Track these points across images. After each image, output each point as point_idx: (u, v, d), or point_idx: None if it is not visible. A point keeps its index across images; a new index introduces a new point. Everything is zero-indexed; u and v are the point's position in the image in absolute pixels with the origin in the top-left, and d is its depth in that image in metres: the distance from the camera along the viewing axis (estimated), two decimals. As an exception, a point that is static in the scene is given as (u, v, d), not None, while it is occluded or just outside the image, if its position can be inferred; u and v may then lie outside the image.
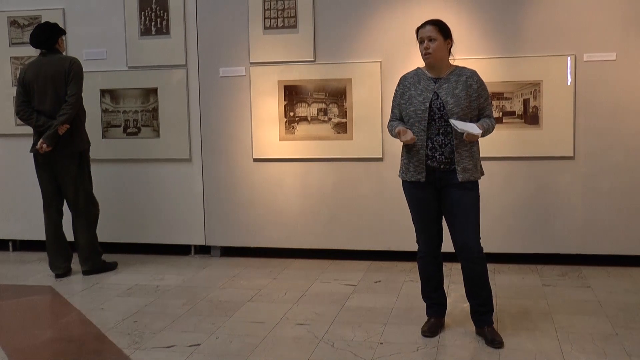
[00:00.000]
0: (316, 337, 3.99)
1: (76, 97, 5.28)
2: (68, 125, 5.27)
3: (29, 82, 5.37)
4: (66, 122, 5.25)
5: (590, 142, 5.36)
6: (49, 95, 5.32)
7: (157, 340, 4.00)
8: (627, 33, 5.24)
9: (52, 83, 5.30)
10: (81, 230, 5.47)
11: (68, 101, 5.26)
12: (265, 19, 5.80)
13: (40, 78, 5.32)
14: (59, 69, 5.30)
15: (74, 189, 5.41)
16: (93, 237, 5.53)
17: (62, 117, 5.23)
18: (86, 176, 5.49)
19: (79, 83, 5.33)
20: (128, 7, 6.01)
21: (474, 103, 3.80)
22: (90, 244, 5.50)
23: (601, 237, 5.41)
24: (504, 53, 5.42)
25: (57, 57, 5.38)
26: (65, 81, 5.29)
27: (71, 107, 5.25)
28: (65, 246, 5.57)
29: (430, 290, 4.07)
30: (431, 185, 3.85)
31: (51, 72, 5.31)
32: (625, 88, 5.27)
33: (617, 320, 4.17)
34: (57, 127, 5.22)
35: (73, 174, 5.40)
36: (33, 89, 5.36)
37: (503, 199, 5.51)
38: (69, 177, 5.39)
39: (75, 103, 5.28)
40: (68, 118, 5.25)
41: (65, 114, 5.23)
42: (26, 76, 5.39)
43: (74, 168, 5.40)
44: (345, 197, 5.79)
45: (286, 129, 5.81)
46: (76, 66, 5.35)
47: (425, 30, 3.83)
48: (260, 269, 5.63)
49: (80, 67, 5.38)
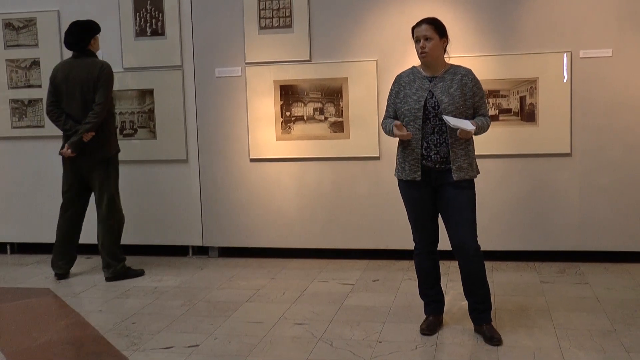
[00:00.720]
0: (315, 337, 3.99)
1: (102, 106, 5.20)
2: (93, 132, 5.22)
3: (59, 84, 5.30)
4: (91, 130, 5.19)
5: (587, 139, 5.36)
6: (76, 99, 5.26)
7: (156, 342, 3.99)
8: (623, 29, 5.24)
9: (81, 88, 5.24)
10: (102, 236, 5.38)
11: (94, 110, 5.19)
12: (261, 19, 5.79)
13: (70, 81, 5.26)
14: (88, 75, 5.22)
15: (99, 194, 5.35)
16: (113, 244, 5.41)
17: (86, 125, 5.17)
18: (112, 182, 5.39)
19: (108, 91, 5.25)
20: (123, 8, 6.00)
21: (468, 102, 3.80)
22: (110, 251, 5.39)
23: (599, 233, 5.41)
24: (500, 50, 5.42)
25: (88, 61, 5.29)
26: (94, 87, 5.22)
27: (96, 116, 5.18)
28: (72, 249, 5.51)
29: (427, 287, 4.07)
30: (427, 184, 3.85)
31: (80, 76, 5.23)
32: (622, 84, 5.28)
33: (616, 316, 4.17)
34: (82, 134, 5.18)
35: (99, 179, 5.34)
36: (62, 91, 5.30)
37: (500, 196, 5.52)
38: (95, 182, 5.35)
39: (102, 112, 5.20)
40: (93, 127, 5.19)
41: (90, 123, 5.17)
42: (57, 77, 5.32)
43: (101, 173, 5.33)
44: (343, 197, 5.79)
45: (282, 129, 5.81)
46: (106, 73, 5.25)
47: (421, 29, 3.83)
48: (258, 269, 5.62)
49: (110, 73, 5.29)
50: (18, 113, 6.29)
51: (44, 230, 6.33)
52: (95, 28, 5.40)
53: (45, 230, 6.33)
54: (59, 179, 6.20)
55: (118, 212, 5.46)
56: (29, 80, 6.25)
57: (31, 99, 6.25)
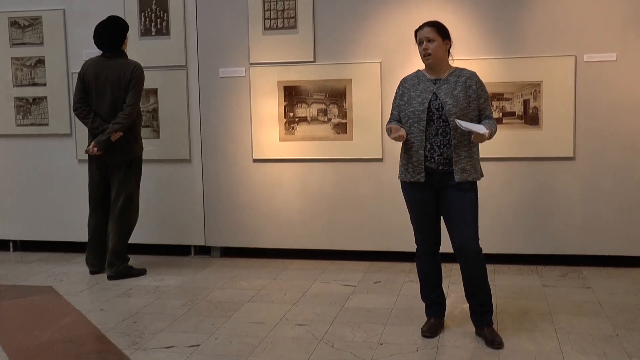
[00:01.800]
0: (316, 338, 3.99)
1: (133, 107, 5.22)
2: (121, 133, 5.24)
3: (89, 81, 5.31)
4: (120, 130, 5.21)
5: (590, 143, 5.36)
6: (106, 99, 5.27)
7: (157, 341, 3.99)
8: (627, 34, 5.24)
9: (112, 87, 5.25)
10: (112, 234, 5.38)
11: (125, 110, 5.21)
12: (265, 20, 5.80)
13: (101, 80, 5.27)
14: (120, 75, 5.23)
15: (117, 191, 5.37)
16: (121, 243, 5.41)
17: (116, 125, 5.19)
18: (132, 181, 5.41)
19: (139, 92, 5.28)
20: (128, 7, 6.01)
21: (472, 104, 3.80)
22: (117, 249, 5.38)
23: (602, 237, 5.40)
24: (504, 54, 5.42)
25: (120, 61, 5.29)
26: (126, 88, 5.23)
27: (127, 117, 5.20)
28: (101, 245, 5.52)
29: (428, 290, 4.07)
30: (430, 186, 3.85)
31: (113, 76, 5.24)
32: (626, 89, 5.27)
33: (618, 321, 4.16)
34: (110, 134, 5.20)
35: (120, 177, 5.36)
36: (91, 88, 5.30)
37: (503, 199, 5.51)
38: (115, 180, 5.37)
39: (132, 113, 5.22)
40: (122, 127, 5.21)
41: (120, 124, 5.19)
42: (87, 74, 5.32)
43: (123, 171, 5.36)
44: (345, 198, 5.79)
45: (286, 130, 5.81)
46: (138, 74, 5.27)
47: (423, 31, 3.84)
48: (260, 270, 5.63)
49: (142, 75, 5.31)
50: (22, 111, 6.30)
51: (46, 228, 6.36)
52: (127, 27, 5.43)
53: (48, 228, 6.36)
54: (62, 177, 6.24)
55: (134, 212, 5.48)
56: (34, 79, 6.26)
57: (36, 97, 6.27)
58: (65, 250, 6.31)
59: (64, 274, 5.61)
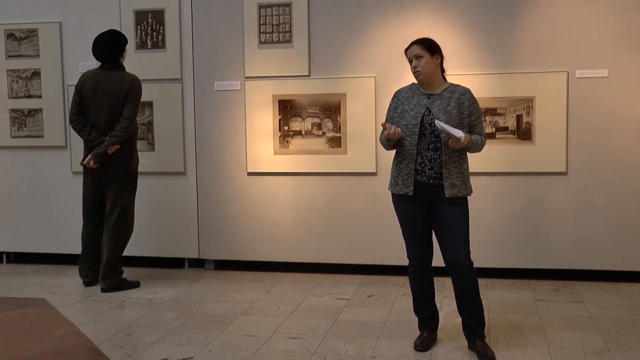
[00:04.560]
0: (309, 351, 3.99)
1: (130, 120, 5.24)
2: (118, 146, 5.25)
3: (86, 94, 5.32)
4: (117, 143, 5.22)
5: (582, 158, 5.40)
6: (104, 111, 5.29)
7: (150, 353, 3.99)
8: (618, 50, 5.29)
9: (109, 100, 5.26)
10: (107, 246, 5.38)
11: (122, 123, 5.22)
12: (261, 34, 5.83)
13: (98, 93, 5.28)
14: (118, 87, 5.24)
15: (112, 204, 5.37)
16: (115, 256, 5.40)
17: (113, 138, 5.21)
18: (127, 194, 5.40)
19: (136, 105, 5.28)
20: (124, 21, 6.04)
21: (465, 120, 3.84)
22: (112, 261, 5.37)
23: (594, 252, 5.43)
24: (497, 69, 5.46)
25: (118, 74, 5.31)
26: (123, 100, 5.24)
27: (123, 130, 5.22)
28: (94, 256, 5.51)
29: (421, 304, 4.09)
30: (420, 199, 3.88)
31: (110, 89, 5.25)
32: (618, 104, 5.31)
33: (610, 335, 4.18)
34: (107, 147, 5.21)
35: (115, 190, 5.36)
36: (89, 101, 5.32)
37: (496, 214, 5.54)
38: (111, 193, 5.38)
39: (129, 126, 5.23)
40: (119, 140, 5.22)
41: (117, 136, 5.21)
42: (84, 87, 5.34)
43: (118, 184, 5.36)
44: (339, 211, 5.81)
45: (280, 143, 5.84)
46: (136, 87, 5.28)
47: (411, 50, 3.91)
48: (253, 283, 5.63)
49: (140, 88, 5.32)
50: (17, 123, 6.31)
51: (40, 240, 6.35)
52: (126, 40, 5.46)
53: (41, 240, 6.35)
54: (56, 189, 6.24)
55: (129, 225, 5.48)
56: (30, 91, 6.27)
57: (31, 109, 6.28)
58: (59, 263, 6.30)
59: (58, 286, 5.60)
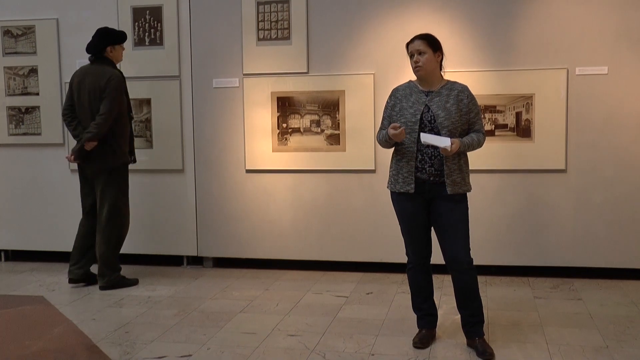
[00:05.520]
0: (307, 348, 3.99)
1: (105, 117, 5.17)
2: (96, 142, 5.21)
3: (74, 89, 5.34)
4: (92, 140, 5.18)
5: (582, 156, 5.39)
6: (85, 107, 5.28)
7: (149, 351, 3.99)
8: (618, 47, 5.28)
9: (89, 96, 5.25)
10: (99, 243, 5.36)
11: (96, 120, 5.18)
12: (259, 31, 5.82)
13: (82, 88, 5.29)
14: (96, 84, 5.22)
15: (100, 202, 5.35)
16: (110, 253, 5.37)
17: (87, 134, 5.18)
18: (115, 192, 5.34)
19: (111, 102, 5.19)
20: (122, 18, 6.03)
21: (464, 117, 3.83)
22: (106, 258, 5.36)
23: (593, 249, 5.43)
24: (496, 66, 5.46)
25: (100, 69, 5.28)
26: (100, 97, 5.21)
27: (97, 127, 5.17)
28: (86, 255, 5.47)
29: (420, 302, 4.08)
30: (420, 196, 3.87)
31: (90, 85, 5.24)
32: (617, 102, 5.31)
33: (608, 332, 4.18)
34: (82, 143, 5.19)
35: (101, 187, 5.33)
36: (75, 96, 5.34)
37: (495, 211, 5.53)
38: (97, 189, 5.36)
39: (103, 123, 5.17)
40: (93, 137, 5.18)
41: (91, 133, 5.17)
42: (73, 82, 5.36)
43: (104, 182, 5.32)
44: (338, 209, 5.80)
45: (279, 141, 5.83)
46: (113, 83, 5.21)
47: (414, 44, 3.88)
48: (252, 280, 5.62)
49: (117, 84, 5.23)
50: (15, 120, 6.30)
51: (38, 237, 6.34)
52: (117, 37, 5.41)
53: (39, 238, 6.34)
54: (54, 187, 6.23)
55: (121, 223, 5.43)
56: (27, 88, 6.26)
57: (28, 106, 6.27)
58: (57, 260, 6.28)
59: (56, 284, 5.59)
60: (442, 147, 3.67)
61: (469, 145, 3.81)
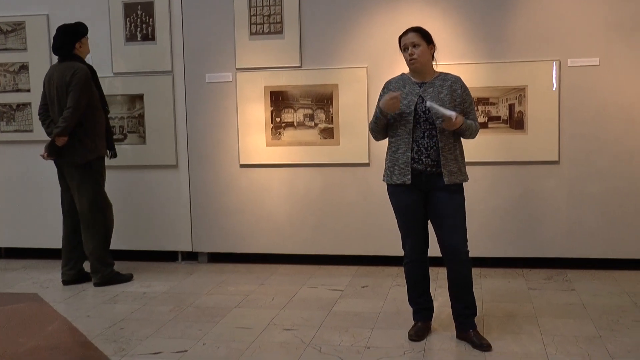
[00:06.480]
0: (303, 342, 3.99)
1: (71, 111, 5.12)
2: (66, 137, 5.17)
3: (46, 88, 5.33)
4: (61, 134, 5.14)
5: (575, 147, 5.41)
6: (55, 104, 5.26)
7: (144, 347, 3.98)
8: (610, 39, 5.29)
9: (57, 93, 5.23)
10: (86, 241, 5.33)
11: (64, 114, 5.14)
12: (252, 25, 5.81)
13: (51, 86, 5.27)
14: (63, 79, 5.19)
15: (78, 199, 5.31)
16: (98, 248, 5.34)
17: (56, 129, 5.15)
18: (90, 187, 5.29)
19: (77, 95, 5.13)
20: (113, 13, 6.00)
21: (457, 108, 3.83)
22: (96, 254, 5.33)
23: (586, 240, 5.45)
24: (489, 58, 5.46)
25: (65, 66, 5.23)
26: (66, 92, 5.17)
27: (65, 121, 5.13)
28: (74, 254, 5.45)
29: (416, 295, 4.09)
30: (417, 188, 3.87)
31: (57, 81, 5.22)
32: (609, 93, 5.32)
33: (601, 322, 4.20)
34: (52, 138, 5.17)
35: (76, 184, 5.29)
36: (47, 95, 5.33)
37: (489, 203, 5.55)
38: (72, 185, 5.33)
39: (71, 117, 5.12)
40: (62, 131, 5.14)
41: (59, 127, 5.14)
42: (45, 81, 5.35)
43: (77, 177, 5.28)
44: (332, 203, 5.81)
45: (273, 135, 5.82)
46: (78, 77, 5.15)
47: (408, 37, 3.88)
48: (247, 275, 5.62)
49: (81, 77, 5.15)
50: (6, 117, 6.27)
51: (31, 234, 6.32)
52: (80, 31, 5.35)
53: (33, 235, 6.32)
54: (46, 184, 6.20)
55: (102, 217, 5.37)
56: (18, 85, 6.23)
57: (19, 103, 6.24)
58: (51, 257, 6.25)
59: (50, 281, 5.58)
60: (447, 115, 3.67)
61: (468, 127, 3.82)
